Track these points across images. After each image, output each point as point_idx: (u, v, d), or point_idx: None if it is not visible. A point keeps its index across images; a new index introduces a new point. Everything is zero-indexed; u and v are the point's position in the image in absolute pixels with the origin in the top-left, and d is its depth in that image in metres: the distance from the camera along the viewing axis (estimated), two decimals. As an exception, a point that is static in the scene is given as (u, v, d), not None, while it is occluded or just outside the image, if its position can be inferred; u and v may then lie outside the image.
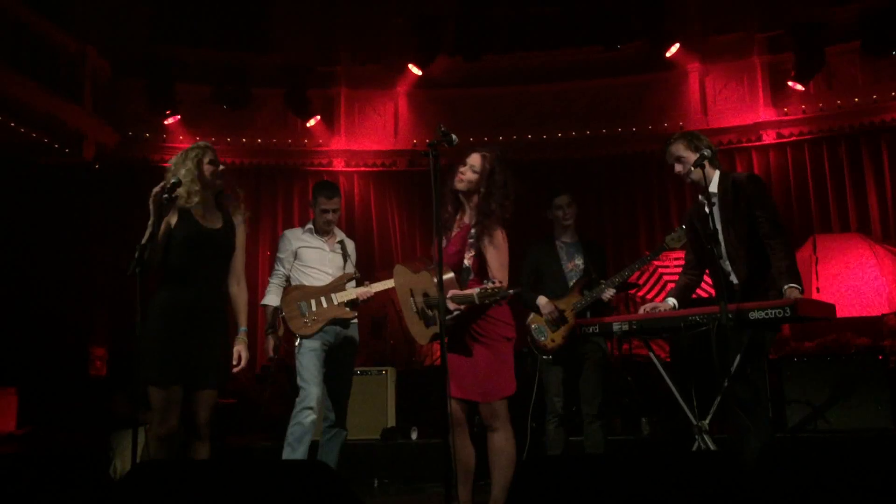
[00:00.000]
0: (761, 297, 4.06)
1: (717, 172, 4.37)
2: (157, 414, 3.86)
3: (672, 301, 4.47)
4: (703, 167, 4.24)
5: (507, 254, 4.04)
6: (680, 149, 4.40)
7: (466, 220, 4.13)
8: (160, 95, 11.10)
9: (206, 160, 4.08)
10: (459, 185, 4.10)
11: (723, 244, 4.22)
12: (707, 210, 4.31)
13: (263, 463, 3.69)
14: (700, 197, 4.37)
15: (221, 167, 4.16)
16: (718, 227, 4.25)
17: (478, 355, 4.05)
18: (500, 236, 4.04)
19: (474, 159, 4.11)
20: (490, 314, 4.06)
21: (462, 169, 4.10)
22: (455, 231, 4.15)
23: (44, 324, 9.92)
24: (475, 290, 3.73)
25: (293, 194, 12.30)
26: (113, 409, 6.56)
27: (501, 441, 4.03)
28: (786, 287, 4.01)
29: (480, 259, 4.03)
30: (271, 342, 5.21)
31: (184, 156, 4.09)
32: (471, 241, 4.04)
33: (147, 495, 2.58)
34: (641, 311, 4.47)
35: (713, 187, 4.31)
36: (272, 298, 5.27)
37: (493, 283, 3.78)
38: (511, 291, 3.86)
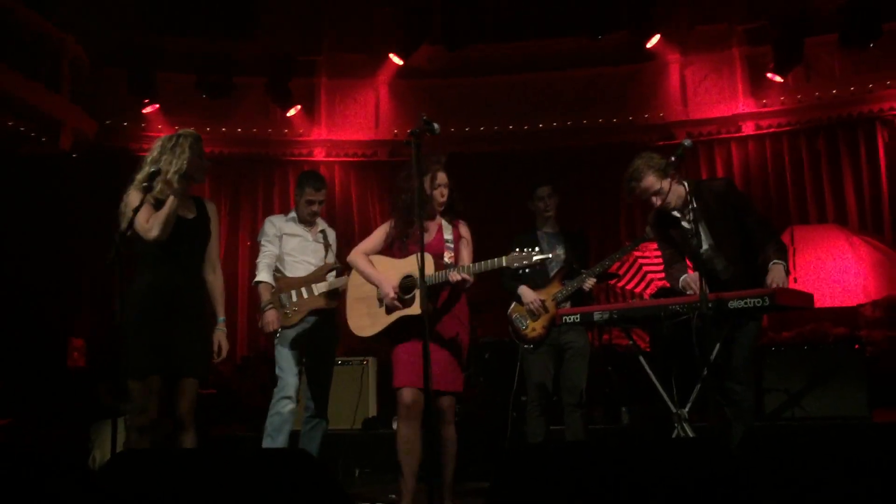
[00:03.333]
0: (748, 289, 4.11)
1: (686, 186, 4.37)
2: (135, 405, 3.85)
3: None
4: (683, 186, 4.29)
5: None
6: (653, 181, 4.28)
7: (435, 222, 4.43)
8: (140, 84, 10.96)
9: (197, 154, 4.00)
10: (441, 208, 4.40)
11: (706, 245, 4.27)
12: (687, 225, 4.36)
13: (244, 452, 3.68)
14: (674, 212, 4.40)
15: (207, 162, 4.13)
16: (701, 233, 4.27)
17: (458, 340, 4.30)
18: (468, 230, 4.47)
19: (444, 178, 4.38)
20: (463, 302, 4.39)
21: (442, 191, 4.35)
22: (431, 233, 4.39)
23: (21, 315, 9.82)
24: (502, 257, 4.07)
25: (273, 184, 12.22)
26: (98, 399, 6.53)
27: (454, 432, 4.29)
28: (772, 263, 4.09)
29: (457, 256, 4.35)
30: (273, 316, 5.09)
31: (172, 142, 3.98)
32: (448, 238, 4.35)
33: (126, 485, 2.58)
34: (681, 283, 4.41)
35: (691, 203, 4.33)
36: (265, 275, 5.19)
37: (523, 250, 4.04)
38: (545, 256, 4.09)
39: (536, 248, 4.04)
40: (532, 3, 12.15)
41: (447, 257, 4.31)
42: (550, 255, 4.21)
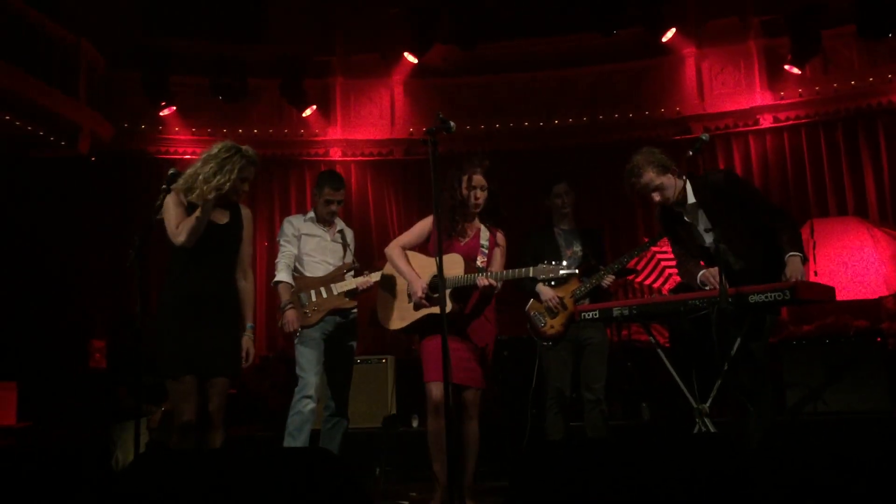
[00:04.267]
0: (766, 282, 4.07)
1: (686, 181, 4.36)
2: (174, 406, 3.95)
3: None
4: (683, 180, 4.29)
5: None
6: (653, 177, 4.27)
7: (474, 225, 4.49)
8: (156, 87, 11.03)
9: (242, 177, 4.03)
10: (478, 210, 4.44)
11: (709, 240, 4.24)
12: (688, 219, 4.34)
13: (265, 451, 3.70)
14: (675, 208, 4.39)
15: (247, 187, 4.15)
16: (708, 227, 4.26)
17: (485, 339, 4.38)
18: (504, 240, 4.53)
19: (480, 180, 4.42)
20: (492, 304, 4.46)
21: (477, 194, 4.40)
22: (469, 235, 4.48)
23: (42, 317, 9.92)
24: (529, 267, 4.16)
25: (290, 185, 12.28)
26: (119, 400, 6.58)
27: (477, 429, 4.37)
28: (788, 255, 4.05)
29: (489, 262, 4.42)
30: (293, 315, 5.11)
31: (229, 154, 4.00)
32: (484, 244, 4.40)
33: (150, 486, 2.59)
34: (699, 278, 4.35)
35: (691, 198, 4.32)
36: (284, 275, 5.22)
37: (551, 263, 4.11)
38: (571, 271, 4.14)
39: (564, 262, 4.10)
40: (544, 0, 12.12)
41: (479, 262, 4.36)
42: (577, 271, 4.28)
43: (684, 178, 4.35)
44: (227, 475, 2.55)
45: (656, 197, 4.30)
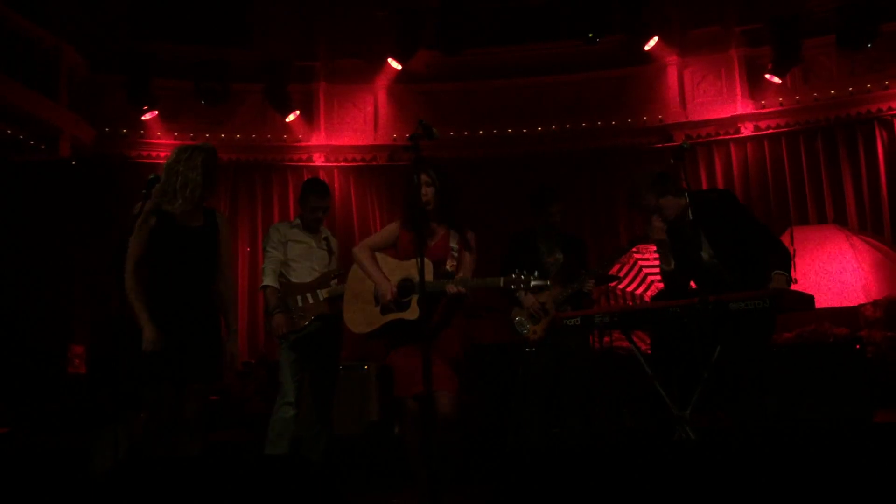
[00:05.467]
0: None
1: (687, 198, 4.42)
2: (150, 412, 3.94)
3: None
4: (684, 198, 4.35)
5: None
6: (651, 201, 4.42)
7: (441, 226, 4.37)
8: (138, 91, 10.98)
9: (208, 170, 4.03)
10: (429, 207, 4.28)
11: (706, 255, 4.30)
12: (689, 232, 4.40)
13: (246, 458, 3.69)
14: (676, 225, 4.45)
15: (216, 177, 4.15)
16: (703, 243, 4.33)
17: (453, 345, 4.31)
18: (475, 241, 4.38)
19: (424, 178, 4.26)
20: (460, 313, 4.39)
21: (423, 190, 4.23)
22: (438, 235, 4.35)
23: (21, 322, 9.82)
24: (500, 277, 4.11)
25: (272, 190, 12.21)
26: (100, 405, 6.55)
27: (457, 434, 4.27)
28: (774, 272, 4.13)
29: (459, 265, 4.30)
30: (283, 319, 5.11)
31: (187, 154, 4.01)
32: (454, 247, 4.30)
33: (129, 492, 2.58)
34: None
35: (690, 214, 4.39)
36: (271, 280, 5.22)
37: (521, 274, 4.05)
38: (542, 283, 4.08)
39: (536, 273, 4.05)
40: (528, 8, 12.17)
41: (449, 265, 4.29)
42: (548, 282, 4.26)
43: (685, 195, 4.40)
44: (206, 482, 2.54)
45: (657, 221, 4.41)
